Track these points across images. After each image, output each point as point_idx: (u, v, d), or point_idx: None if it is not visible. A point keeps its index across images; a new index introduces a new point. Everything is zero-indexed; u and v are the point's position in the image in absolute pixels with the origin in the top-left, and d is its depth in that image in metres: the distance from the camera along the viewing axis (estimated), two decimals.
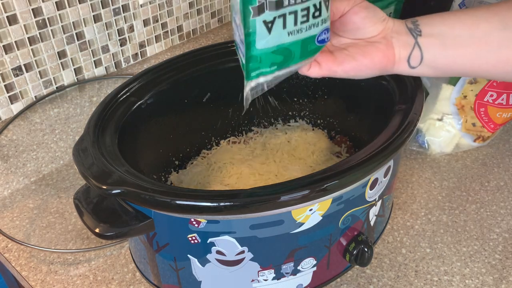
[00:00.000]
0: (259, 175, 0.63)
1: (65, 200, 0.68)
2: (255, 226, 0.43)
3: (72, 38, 0.76)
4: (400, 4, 0.87)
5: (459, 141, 0.75)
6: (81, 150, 0.47)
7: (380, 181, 0.49)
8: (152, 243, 0.47)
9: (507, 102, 0.70)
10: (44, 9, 0.71)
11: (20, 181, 0.71)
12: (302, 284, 0.51)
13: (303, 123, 0.71)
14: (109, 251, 0.61)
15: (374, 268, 0.58)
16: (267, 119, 0.71)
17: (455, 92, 0.71)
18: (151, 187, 0.42)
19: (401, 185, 0.70)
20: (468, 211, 0.65)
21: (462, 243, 0.61)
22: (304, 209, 0.44)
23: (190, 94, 0.63)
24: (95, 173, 0.44)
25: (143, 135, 0.58)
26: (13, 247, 0.62)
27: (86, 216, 0.45)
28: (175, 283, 0.50)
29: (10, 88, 0.71)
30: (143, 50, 0.88)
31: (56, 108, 0.76)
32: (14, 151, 0.72)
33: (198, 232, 0.44)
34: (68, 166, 0.74)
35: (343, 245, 0.50)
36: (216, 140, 0.69)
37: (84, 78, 0.80)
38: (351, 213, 0.48)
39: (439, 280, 0.56)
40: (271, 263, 0.47)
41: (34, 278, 0.58)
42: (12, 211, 0.66)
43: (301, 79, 0.67)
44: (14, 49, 0.69)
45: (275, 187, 0.42)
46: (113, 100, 0.55)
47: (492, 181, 0.70)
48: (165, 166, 0.63)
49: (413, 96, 0.52)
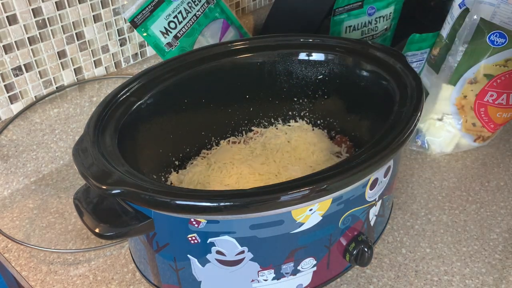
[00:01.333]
0: (259, 175, 0.63)
1: (65, 200, 0.68)
2: (255, 226, 0.43)
3: (72, 38, 0.76)
4: (400, 4, 0.87)
5: (459, 141, 0.75)
6: (81, 150, 0.47)
7: (380, 181, 0.49)
8: (152, 243, 0.47)
9: (507, 102, 0.70)
10: (44, 9, 0.71)
11: (20, 181, 0.71)
12: (302, 284, 0.51)
13: (303, 123, 0.71)
14: (109, 251, 0.61)
15: (374, 268, 0.58)
16: (267, 119, 0.71)
17: (455, 92, 0.71)
18: (151, 187, 0.42)
19: (401, 185, 0.70)
20: (468, 211, 0.65)
21: (462, 243, 0.61)
22: (304, 209, 0.44)
23: (190, 94, 0.63)
24: (95, 173, 0.44)
25: (143, 135, 0.58)
26: (13, 247, 0.62)
27: (86, 216, 0.45)
28: (175, 283, 0.50)
29: (10, 88, 0.71)
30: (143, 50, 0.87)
31: (56, 108, 0.76)
32: (14, 151, 0.72)
33: (198, 232, 0.44)
34: (68, 166, 0.74)
35: (343, 245, 0.50)
36: (216, 140, 0.69)
37: (84, 78, 0.80)
38: (351, 213, 0.48)
39: (439, 280, 0.56)
40: (271, 263, 0.47)
41: (34, 278, 0.58)
42: (12, 211, 0.66)
43: (301, 79, 0.67)
44: (14, 49, 0.69)
45: (275, 187, 0.42)
46: (113, 100, 0.55)
47: (492, 181, 0.70)
48: (165, 166, 0.63)
49: (413, 96, 0.52)
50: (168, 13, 0.79)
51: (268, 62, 0.65)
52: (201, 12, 0.83)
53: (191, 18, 0.81)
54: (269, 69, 0.66)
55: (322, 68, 0.66)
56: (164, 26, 0.78)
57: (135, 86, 0.57)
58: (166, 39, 0.79)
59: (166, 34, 0.79)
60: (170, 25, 0.79)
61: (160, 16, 0.78)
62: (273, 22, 0.92)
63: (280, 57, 0.65)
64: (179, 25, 0.80)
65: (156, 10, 0.78)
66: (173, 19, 0.79)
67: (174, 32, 0.79)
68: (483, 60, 0.67)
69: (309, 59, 0.65)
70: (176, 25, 0.80)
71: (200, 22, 0.83)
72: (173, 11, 0.79)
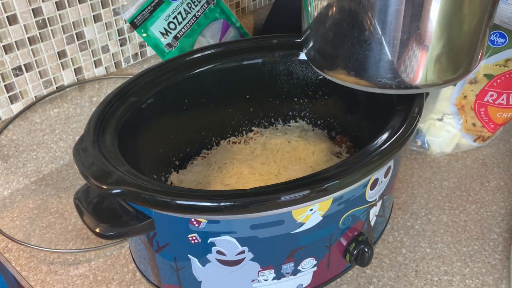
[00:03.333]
0: (259, 175, 0.63)
1: (65, 200, 0.68)
2: (255, 226, 0.43)
3: (72, 38, 0.76)
4: None
5: (459, 141, 0.75)
6: (81, 150, 0.47)
7: (381, 181, 0.49)
8: (152, 243, 0.47)
9: (507, 102, 0.70)
10: (44, 9, 0.71)
11: (20, 181, 0.71)
12: (302, 284, 0.51)
13: (303, 123, 0.71)
14: (109, 251, 0.61)
15: (374, 268, 0.58)
16: (267, 119, 0.71)
17: (455, 92, 0.71)
18: (151, 187, 0.42)
19: (401, 185, 0.70)
20: (468, 211, 0.65)
21: (462, 243, 0.61)
22: (305, 209, 0.44)
23: (190, 94, 0.63)
24: (95, 172, 0.44)
25: (143, 135, 0.58)
26: (13, 247, 0.62)
27: (86, 216, 0.45)
28: (175, 283, 0.50)
29: (10, 88, 0.71)
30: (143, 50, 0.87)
31: (56, 108, 0.76)
32: (14, 151, 0.72)
33: (199, 232, 0.44)
34: (68, 166, 0.74)
35: (343, 245, 0.50)
36: (216, 140, 0.69)
37: (84, 78, 0.80)
38: (352, 213, 0.48)
39: (439, 280, 0.56)
40: (271, 263, 0.47)
41: (34, 278, 0.58)
42: (12, 211, 0.66)
43: (302, 79, 0.67)
44: (14, 49, 0.69)
45: (275, 187, 0.42)
46: (113, 100, 0.55)
47: (492, 181, 0.70)
48: (165, 166, 0.63)
49: (413, 96, 0.52)
50: (167, 14, 0.79)
51: (269, 62, 0.65)
52: (201, 13, 0.83)
53: (190, 19, 0.81)
54: (270, 69, 0.66)
55: None
56: (164, 27, 0.79)
57: (135, 86, 0.57)
58: (166, 40, 0.79)
59: (166, 35, 0.79)
60: (170, 25, 0.79)
61: (160, 17, 0.78)
62: (273, 22, 0.92)
63: (280, 57, 0.65)
64: (179, 25, 0.80)
65: (156, 11, 0.78)
66: (173, 20, 0.79)
67: (174, 32, 0.79)
68: (483, 60, 0.67)
69: None
70: (175, 25, 0.80)
71: (200, 22, 0.83)
72: (173, 12, 0.79)
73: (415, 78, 0.49)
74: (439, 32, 0.46)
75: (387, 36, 0.46)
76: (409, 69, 0.48)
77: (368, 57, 0.49)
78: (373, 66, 0.49)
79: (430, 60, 0.48)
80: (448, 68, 0.50)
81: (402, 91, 0.51)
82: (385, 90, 0.51)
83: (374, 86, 0.51)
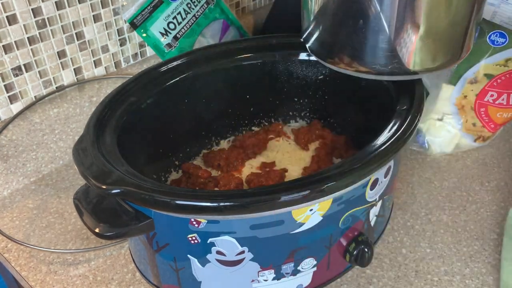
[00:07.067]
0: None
1: (64, 200, 0.68)
2: (255, 226, 0.43)
3: (72, 38, 0.76)
4: None
5: (459, 141, 0.75)
6: (80, 150, 0.47)
7: (381, 181, 0.49)
8: (152, 243, 0.47)
9: (508, 102, 0.70)
10: (43, 9, 0.71)
11: (19, 181, 0.71)
12: (302, 285, 0.51)
13: (303, 123, 0.71)
14: (109, 251, 0.61)
15: (374, 268, 0.58)
16: (267, 119, 0.71)
17: (455, 92, 0.71)
18: (151, 187, 0.42)
19: (401, 185, 0.70)
20: (468, 211, 0.65)
21: (462, 243, 0.61)
22: (305, 209, 0.44)
23: (190, 94, 0.63)
24: (94, 173, 0.44)
25: (143, 135, 0.58)
26: (12, 247, 0.62)
27: (86, 216, 0.45)
28: (175, 283, 0.50)
29: (9, 88, 0.71)
30: (143, 50, 0.88)
31: (56, 108, 0.76)
32: (13, 151, 0.72)
33: (198, 232, 0.44)
34: (68, 166, 0.74)
35: (343, 245, 0.50)
36: (216, 140, 0.69)
37: (84, 78, 0.80)
38: (352, 213, 0.48)
39: (439, 280, 0.56)
40: (271, 263, 0.47)
41: (33, 278, 0.58)
42: (11, 211, 0.66)
43: (302, 79, 0.67)
44: (13, 49, 0.69)
45: (275, 187, 0.42)
46: (113, 100, 0.55)
47: (493, 181, 0.70)
48: (165, 166, 0.63)
49: (413, 96, 0.52)
50: (167, 14, 0.79)
51: (269, 62, 0.65)
52: (200, 13, 0.83)
53: (190, 19, 0.81)
54: (270, 69, 0.66)
55: (323, 68, 0.66)
56: (164, 27, 0.79)
57: (135, 86, 0.57)
58: (165, 40, 0.79)
59: (166, 35, 0.79)
60: (170, 26, 0.79)
61: (160, 17, 0.78)
62: (273, 22, 0.92)
63: (280, 57, 0.65)
64: (179, 26, 0.80)
65: (156, 11, 0.78)
66: (173, 20, 0.79)
67: (174, 33, 0.79)
68: (483, 60, 0.67)
69: (309, 59, 0.65)
70: (175, 26, 0.80)
71: (200, 22, 0.83)
72: (173, 12, 0.79)
73: (409, 63, 0.53)
74: (429, 21, 0.50)
75: (382, 24, 0.50)
76: (404, 55, 0.52)
77: (365, 44, 0.52)
78: (371, 52, 0.53)
79: (422, 46, 0.52)
80: (438, 54, 0.54)
81: (400, 77, 0.54)
82: (383, 76, 0.55)
83: (373, 73, 0.54)
